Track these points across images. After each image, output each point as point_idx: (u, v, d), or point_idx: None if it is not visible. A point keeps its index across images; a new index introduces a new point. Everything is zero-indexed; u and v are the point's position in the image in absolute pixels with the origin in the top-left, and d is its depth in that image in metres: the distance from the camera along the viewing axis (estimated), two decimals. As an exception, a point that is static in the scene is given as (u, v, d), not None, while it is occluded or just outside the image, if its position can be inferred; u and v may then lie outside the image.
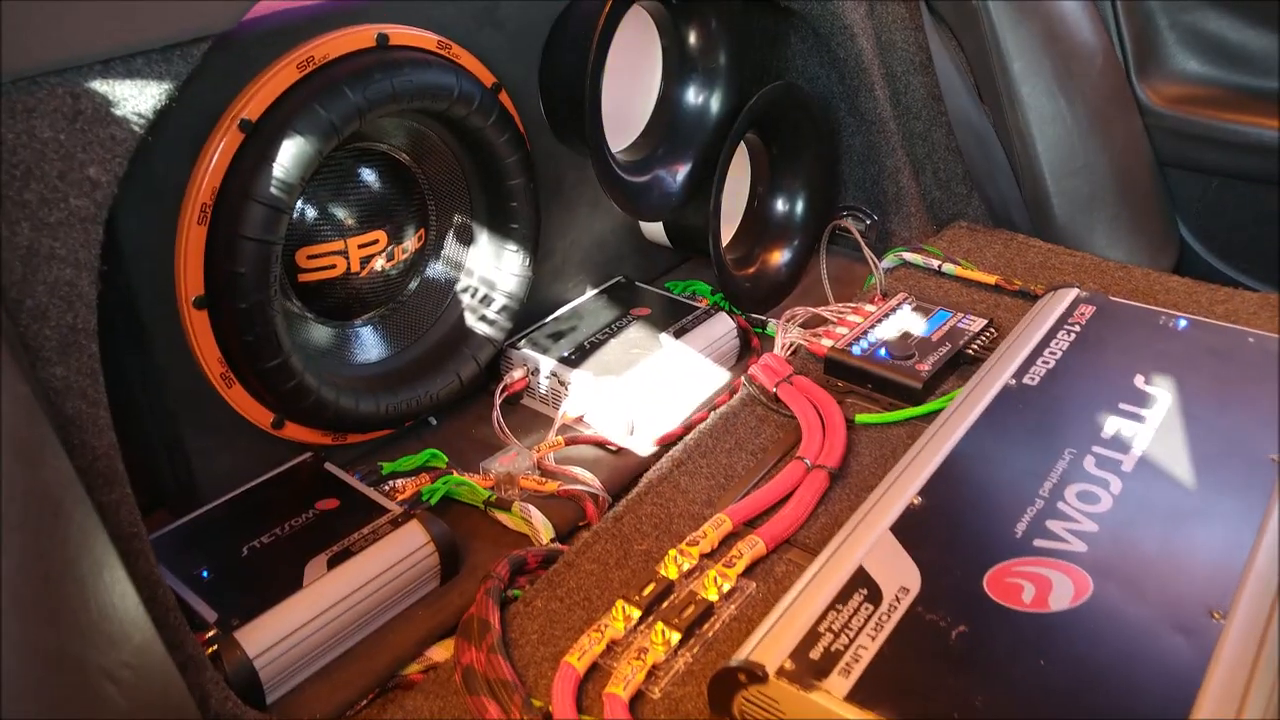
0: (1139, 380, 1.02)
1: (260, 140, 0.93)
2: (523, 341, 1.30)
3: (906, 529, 0.85)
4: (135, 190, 0.87)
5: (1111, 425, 0.96)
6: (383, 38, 1.02)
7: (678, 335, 1.30)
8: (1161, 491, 0.88)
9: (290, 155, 0.93)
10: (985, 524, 0.85)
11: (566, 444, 1.20)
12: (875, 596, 0.78)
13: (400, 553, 0.97)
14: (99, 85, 0.74)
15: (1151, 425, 0.96)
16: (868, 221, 1.61)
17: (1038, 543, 0.83)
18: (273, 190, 0.93)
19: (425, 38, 1.06)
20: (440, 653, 0.95)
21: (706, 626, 0.87)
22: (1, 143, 0.69)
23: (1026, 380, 1.03)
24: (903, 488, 0.90)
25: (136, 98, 0.77)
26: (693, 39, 1.31)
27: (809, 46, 1.55)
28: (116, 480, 0.73)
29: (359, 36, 1.00)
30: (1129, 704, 0.69)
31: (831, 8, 1.45)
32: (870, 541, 0.84)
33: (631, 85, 1.34)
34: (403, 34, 1.04)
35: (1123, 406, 0.98)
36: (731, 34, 1.32)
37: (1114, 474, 0.90)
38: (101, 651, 0.58)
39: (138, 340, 0.96)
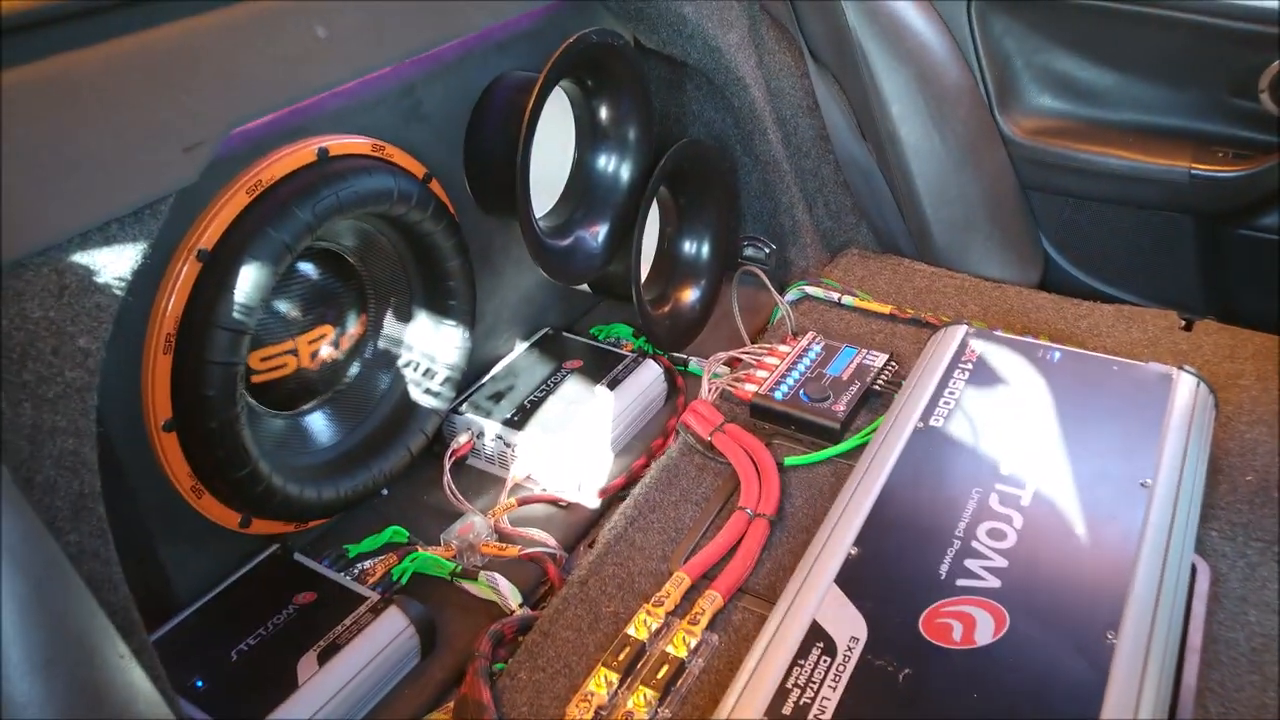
0: (1026, 415, 1.17)
1: (218, 268, 0.96)
2: (465, 406, 1.36)
3: (848, 580, 0.97)
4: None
5: (1008, 462, 1.10)
6: (323, 151, 1.06)
7: (611, 386, 1.39)
8: (1055, 522, 1.02)
9: (248, 280, 0.97)
10: (915, 568, 0.98)
11: (519, 504, 1.28)
12: (831, 649, 0.90)
13: (384, 639, 1.04)
14: (80, 257, 0.77)
15: (1041, 459, 1.10)
16: (767, 251, 1.73)
17: (959, 582, 0.96)
18: (235, 315, 0.96)
19: (360, 144, 1.11)
20: (430, 725, 1.03)
21: (680, 682, 0.98)
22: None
23: (933, 422, 1.16)
24: (839, 538, 1.02)
25: (115, 262, 0.80)
26: (604, 113, 1.39)
27: (704, 94, 1.64)
28: (135, 630, 0.78)
29: (301, 154, 1.03)
30: (1047, 723, 0.83)
31: (724, 61, 1.54)
32: (819, 595, 0.95)
33: (549, 153, 1.41)
34: (341, 144, 1.08)
35: (1015, 443, 1.13)
36: (640, 108, 1.41)
37: (1015, 509, 1.04)
38: None
39: (109, 464, 0.98)
